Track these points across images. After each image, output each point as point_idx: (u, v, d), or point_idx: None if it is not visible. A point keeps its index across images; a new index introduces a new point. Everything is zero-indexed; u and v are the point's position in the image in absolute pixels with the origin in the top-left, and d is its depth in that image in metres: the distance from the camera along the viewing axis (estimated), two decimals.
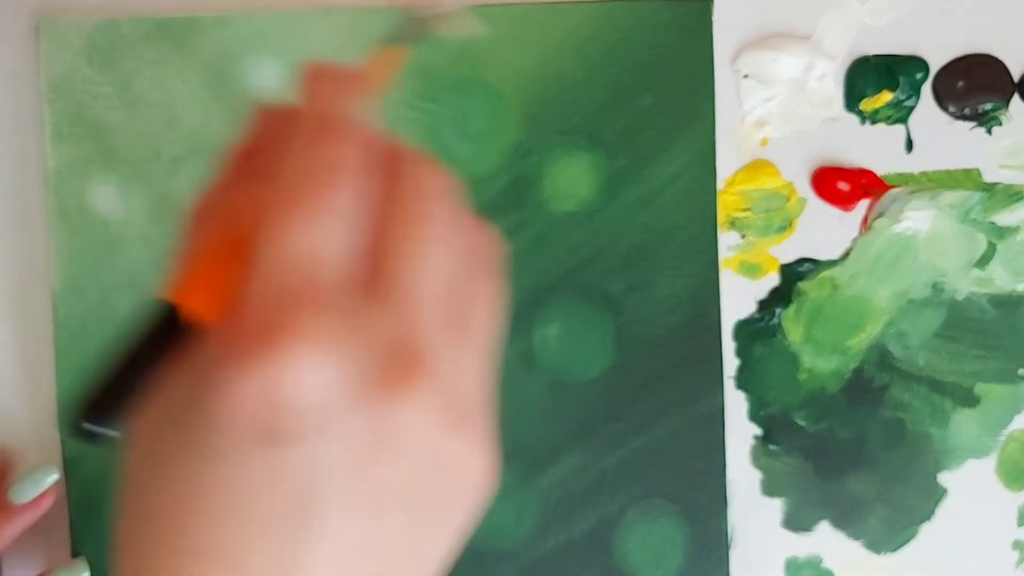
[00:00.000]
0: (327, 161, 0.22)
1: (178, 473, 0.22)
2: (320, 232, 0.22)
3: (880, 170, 0.45)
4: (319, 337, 0.20)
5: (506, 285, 0.25)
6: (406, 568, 0.23)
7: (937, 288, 0.45)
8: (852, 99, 0.45)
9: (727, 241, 0.45)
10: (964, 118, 0.45)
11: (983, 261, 0.45)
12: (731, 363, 0.45)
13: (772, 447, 0.45)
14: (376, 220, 0.22)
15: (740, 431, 0.45)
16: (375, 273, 0.22)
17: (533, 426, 0.44)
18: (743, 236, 0.45)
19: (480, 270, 0.24)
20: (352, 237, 0.22)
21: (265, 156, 0.24)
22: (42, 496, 0.42)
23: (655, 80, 0.44)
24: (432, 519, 0.23)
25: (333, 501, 0.21)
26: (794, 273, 0.45)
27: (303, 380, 0.20)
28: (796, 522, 0.45)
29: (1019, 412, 0.45)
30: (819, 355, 0.45)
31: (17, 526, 0.42)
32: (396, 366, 0.21)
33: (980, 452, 0.45)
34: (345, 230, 0.22)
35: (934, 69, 0.45)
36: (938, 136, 0.45)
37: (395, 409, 0.21)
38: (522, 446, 0.44)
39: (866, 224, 0.45)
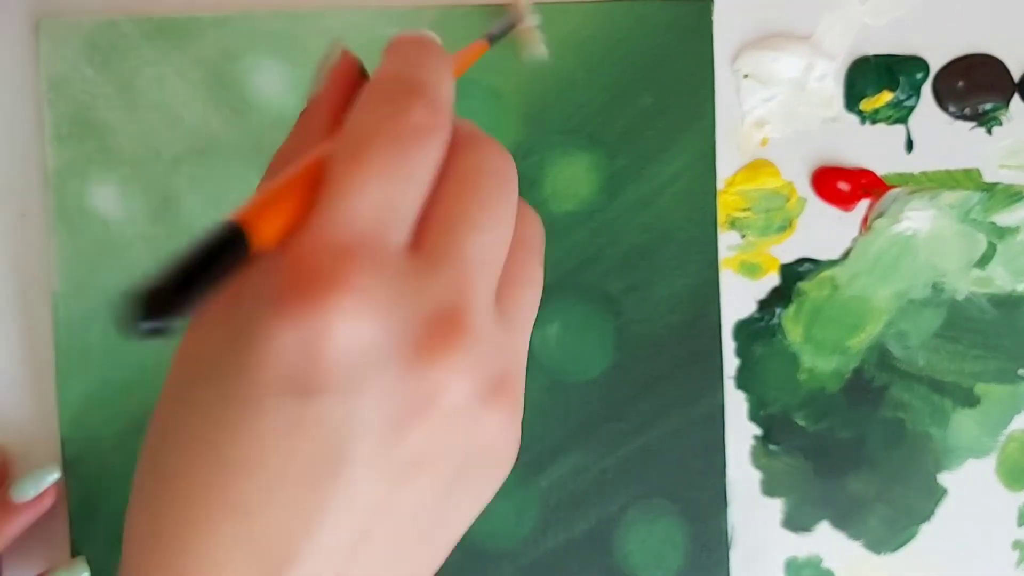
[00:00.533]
0: (413, 126, 0.22)
1: (201, 417, 0.21)
2: (394, 195, 0.21)
3: (880, 170, 0.45)
4: (366, 294, 0.20)
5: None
6: (426, 536, 0.23)
7: (937, 288, 0.45)
8: (852, 99, 0.45)
9: (727, 241, 0.45)
10: (964, 118, 0.45)
11: (983, 261, 0.45)
12: (731, 363, 0.45)
13: (772, 447, 0.45)
14: (436, 189, 0.22)
15: (740, 431, 0.45)
16: (428, 239, 0.22)
17: (533, 426, 0.44)
18: (743, 236, 0.45)
19: (529, 253, 0.24)
20: (420, 206, 0.22)
21: (345, 109, 0.24)
22: (42, 495, 0.42)
23: (655, 80, 0.44)
24: (458, 491, 0.23)
25: (360, 461, 0.21)
26: (794, 273, 0.45)
27: (342, 334, 0.20)
28: (796, 522, 0.45)
29: (1019, 412, 0.45)
30: (819, 355, 0.45)
31: (17, 525, 0.42)
32: (441, 330, 0.21)
33: (980, 452, 0.45)
34: (416, 198, 0.22)
35: (934, 69, 0.45)
36: (938, 136, 0.45)
37: (434, 373, 0.21)
38: (522, 446, 0.44)
39: (866, 224, 0.45)
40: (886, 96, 0.45)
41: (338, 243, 0.21)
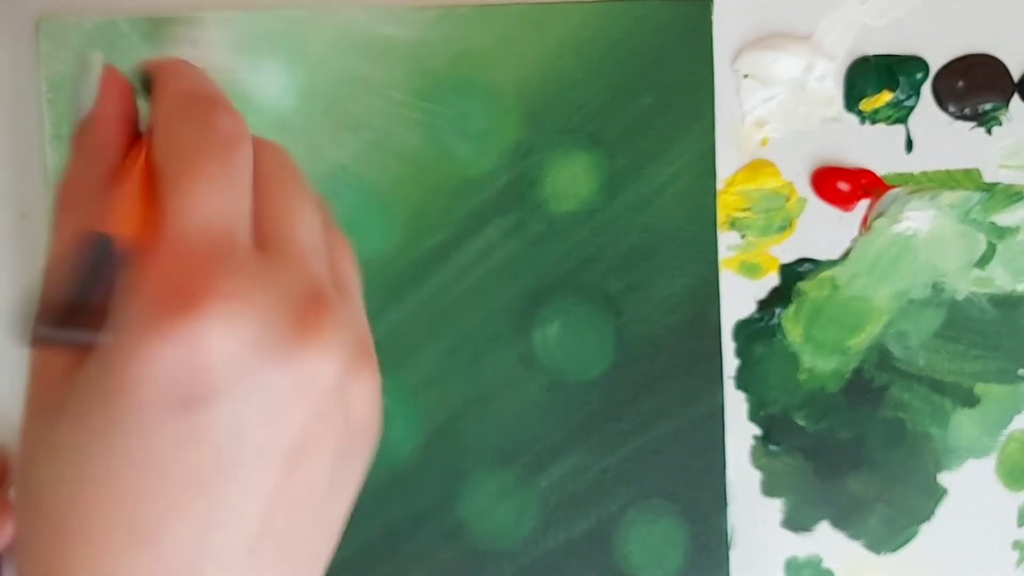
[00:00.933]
0: (228, 134, 0.23)
1: (83, 444, 0.21)
2: (231, 200, 0.23)
3: (880, 170, 0.45)
4: (232, 296, 0.21)
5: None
6: (322, 517, 0.24)
7: (937, 288, 0.45)
8: (852, 99, 0.45)
9: (727, 241, 0.45)
10: (964, 118, 0.45)
11: (983, 261, 0.45)
12: (731, 363, 0.45)
13: (772, 447, 0.45)
14: (254, 189, 0.24)
15: (740, 431, 0.45)
16: (267, 234, 0.23)
17: (533, 426, 0.44)
18: (743, 236, 0.45)
19: (333, 227, 0.26)
20: (250, 206, 0.23)
21: (128, 123, 0.25)
22: None
23: (655, 80, 0.44)
24: (343, 466, 0.24)
25: (253, 458, 0.21)
26: (794, 273, 0.45)
27: (218, 340, 0.20)
28: (796, 522, 0.45)
29: (1019, 412, 0.45)
30: (819, 355, 0.45)
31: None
32: (308, 313, 0.22)
33: (980, 452, 0.45)
34: (247, 199, 0.23)
35: (934, 69, 0.45)
36: (938, 136, 0.45)
37: (309, 354, 0.22)
38: (522, 446, 0.44)
39: (866, 224, 0.45)
40: (886, 96, 0.45)
41: (195, 254, 0.21)
